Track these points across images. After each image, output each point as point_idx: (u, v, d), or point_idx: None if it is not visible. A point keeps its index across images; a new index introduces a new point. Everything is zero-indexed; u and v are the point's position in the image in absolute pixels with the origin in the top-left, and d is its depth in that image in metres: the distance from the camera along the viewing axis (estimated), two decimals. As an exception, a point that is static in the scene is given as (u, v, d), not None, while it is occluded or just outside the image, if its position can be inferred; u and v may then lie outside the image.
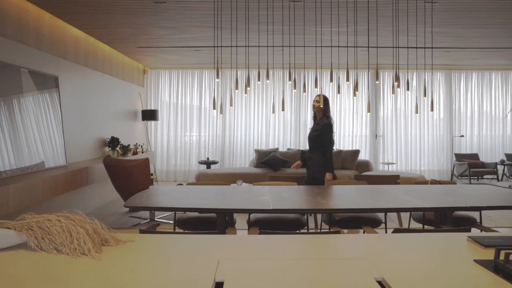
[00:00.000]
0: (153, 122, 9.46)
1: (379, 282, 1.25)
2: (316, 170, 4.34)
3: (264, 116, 9.50)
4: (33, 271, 1.34)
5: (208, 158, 9.12)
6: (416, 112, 4.18)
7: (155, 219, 5.67)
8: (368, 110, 4.20)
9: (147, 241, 1.70)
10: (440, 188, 3.94)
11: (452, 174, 9.19)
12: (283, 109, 4.80)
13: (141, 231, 2.37)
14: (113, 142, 6.84)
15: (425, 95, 3.93)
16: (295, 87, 3.99)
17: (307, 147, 9.17)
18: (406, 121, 9.46)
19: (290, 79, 3.80)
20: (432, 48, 6.18)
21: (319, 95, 4.32)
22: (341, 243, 1.76)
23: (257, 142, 9.49)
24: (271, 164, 8.10)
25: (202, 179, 7.67)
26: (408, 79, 4.93)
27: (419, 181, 4.70)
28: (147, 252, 1.55)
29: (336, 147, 9.38)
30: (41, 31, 5.00)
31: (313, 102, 4.35)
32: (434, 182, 4.51)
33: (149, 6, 4.86)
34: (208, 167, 8.80)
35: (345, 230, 3.65)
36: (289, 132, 9.53)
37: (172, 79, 9.60)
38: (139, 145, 8.26)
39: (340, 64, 6.65)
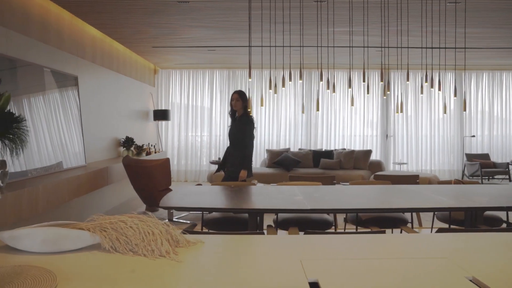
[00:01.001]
0: (163, 122, 9.43)
1: (470, 281, 1.25)
2: (240, 166, 4.35)
3: (275, 116, 9.48)
4: (119, 272, 1.33)
5: (219, 158, 9.09)
6: (445, 112, 4.19)
7: (173, 219, 5.66)
8: (401, 111, 4.20)
9: (216, 242, 1.69)
10: (467, 188, 3.94)
11: (463, 174, 9.20)
12: (303, 111, 4.80)
13: (184, 231, 2.36)
14: (128, 142, 6.83)
15: (455, 95, 3.95)
16: (328, 88, 3.99)
17: (318, 147, 9.22)
18: (417, 121, 9.46)
19: (321, 79, 3.80)
20: (446, 48, 6.19)
21: (236, 92, 4.37)
22: (409, 242, 1.74)
23: (268, 142, 9.47)
24: (283, 164, 8.08)
25: (214, 180, 7.64)
26: (425, 79, 4.93)
27: (442, 181, 4.72)
28: (224, 253, 1.54)
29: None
30: (61, 30, 4.99)
31: (231, 101, 4.38)
32: (457, 182, 4.53)
33: (171, 6, 4.85)
34: (220, 167, 8.77)
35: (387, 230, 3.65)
36: (300, 132, 9.51)
37: (183, 79, 9.58)
38: (151, 145, 8.24)
39: (354, 64, 6.65)
